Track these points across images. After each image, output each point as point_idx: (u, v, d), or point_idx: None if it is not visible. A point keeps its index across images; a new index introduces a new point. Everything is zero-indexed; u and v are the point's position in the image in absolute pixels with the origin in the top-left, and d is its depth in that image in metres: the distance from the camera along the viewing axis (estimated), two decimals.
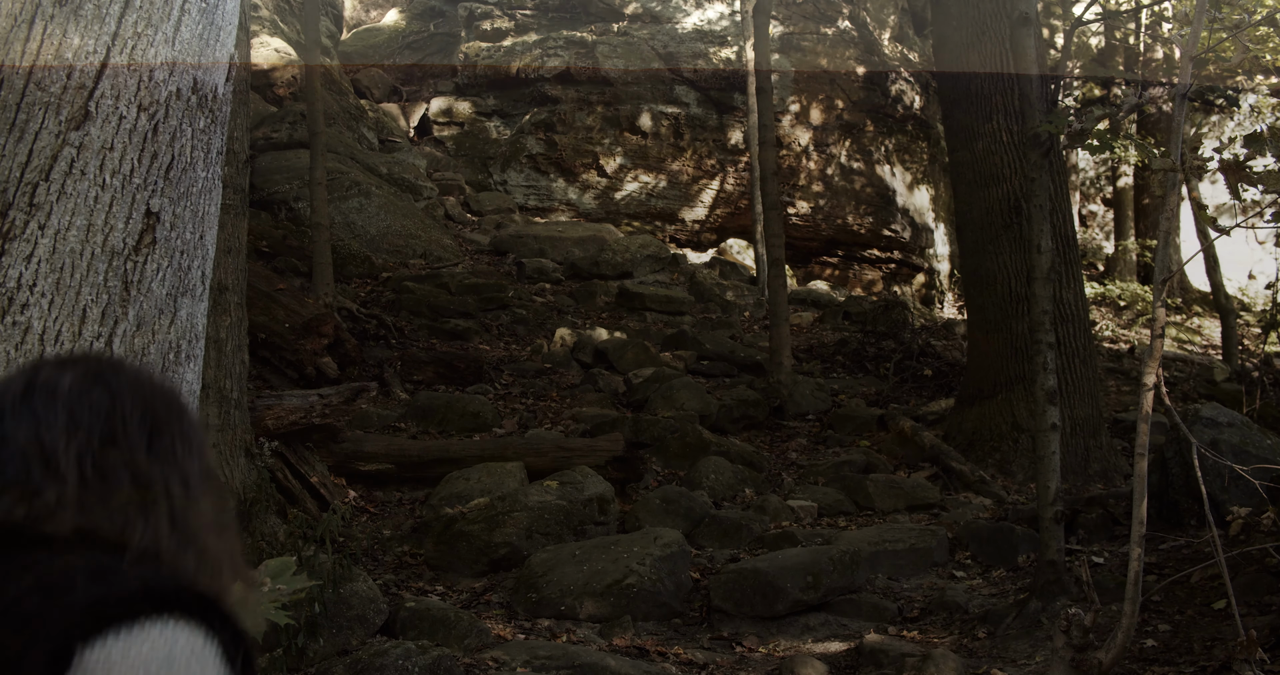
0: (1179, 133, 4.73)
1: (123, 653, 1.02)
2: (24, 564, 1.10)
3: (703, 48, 18.04)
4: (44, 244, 2.24)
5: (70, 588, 1.05)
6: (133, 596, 1.05)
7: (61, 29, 2.27)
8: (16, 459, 1.18)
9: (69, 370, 1.26)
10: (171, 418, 1.28)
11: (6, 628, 1.02)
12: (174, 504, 1.22)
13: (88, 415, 1.22)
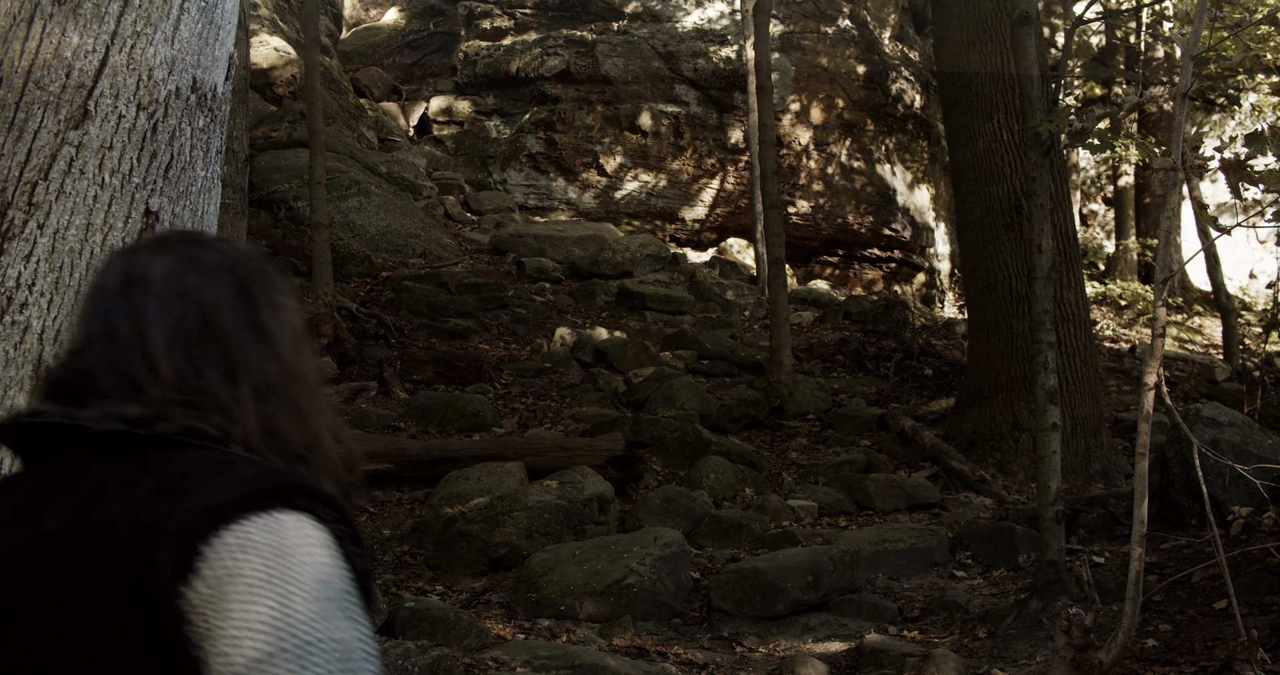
0: (1180, 132, 4.72)
1: (247, 544, 1.08)
2: (146, 464, 1.16)
3: (703, 47, 18.03)
4: (43, 243, 2.24)
5: (186, 489, 1.11)
6: (242, 495, 1.11)
7: (60, 28, 2.26)
8: (123, 356, 1.22)
9: (161, 256, 1.29)
10: (262, 287, 1.31)
11: (140, 525, 1.09)
12: (270, 382, 1.26)
13: (180, 303, 1.25)
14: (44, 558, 1.13)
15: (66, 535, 1.13)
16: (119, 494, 1.14)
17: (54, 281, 2.25)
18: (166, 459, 1.17)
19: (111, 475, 1.17)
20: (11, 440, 1.27)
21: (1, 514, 1.20)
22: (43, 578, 1.11)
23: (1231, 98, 6.39)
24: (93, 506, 1.14)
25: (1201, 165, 5.82)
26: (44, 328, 2.24)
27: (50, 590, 1.10)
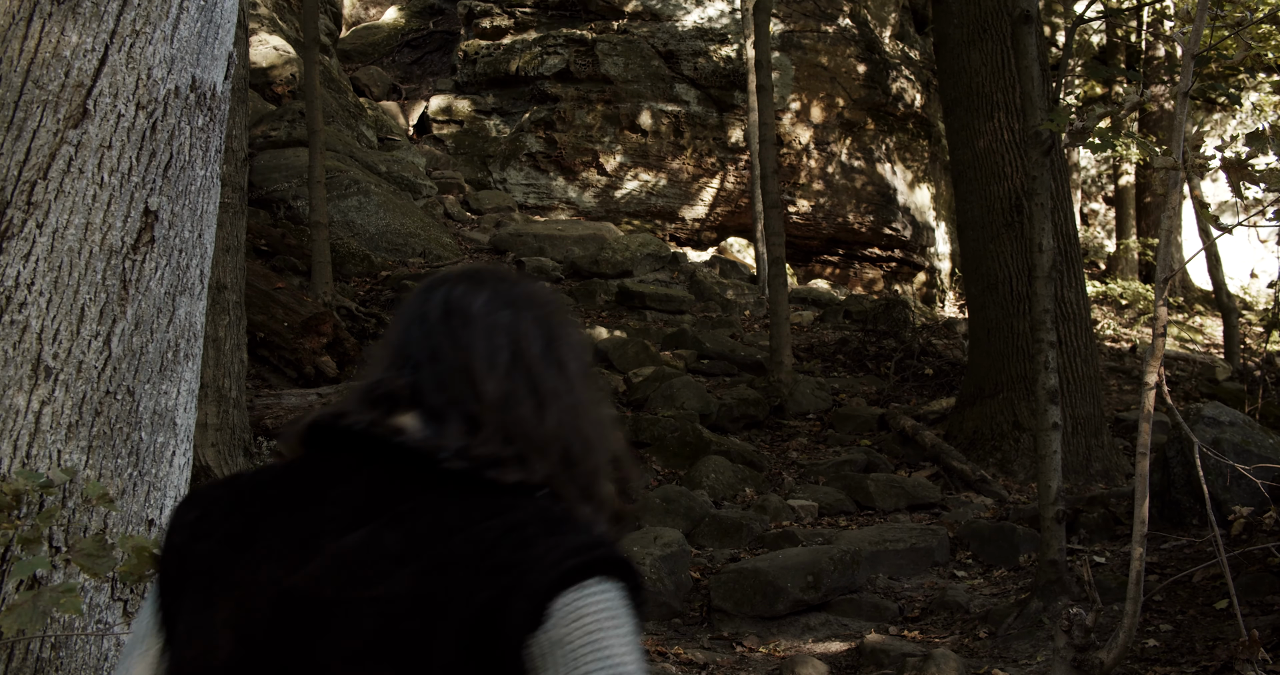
0: (1181, 131, 4.70)
1: (581, 608, 1.23)
2: (483, 506, 1.28)
3: (703, 46, 18.00)
4: (42, 242, 2.23)
5: (534, 541, 1.25)
6: (585, 563, 1.25)
7: (60, 26, 2.25)
8: (449, 378, 1.36)
9: (477, 290, 1.42)
10: (560, 323, 1.45)
11: (491, 570, 1.23)
12: (567, 413, 1.39)
13: (496, 335, 1.38)
14: (389, 574, 1.24)
15: (408, 558, 1.25)
16: (466, 533, 1.26)
17: (53, 281, 2.24)
18: (502, 506, 1.29)
19: (452, 509, 1.29)
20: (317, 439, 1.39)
21: (336, 504, 1.32)
22: (386, 591, 1.24)
23: (1232, 97, 6.38)
24: (438, 538, 1.26)
25: (1202, 164, 5.83)
26: (43, 327, 2.23)
27: (388, 603, 1.23)
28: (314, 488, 1.35)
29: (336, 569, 1.27)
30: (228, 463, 5.95)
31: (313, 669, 1.25)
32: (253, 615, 1.29)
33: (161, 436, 2.42)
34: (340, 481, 1.35)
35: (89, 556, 2.05)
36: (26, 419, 2.21)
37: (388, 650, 1.23)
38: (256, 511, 1.37)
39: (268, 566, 1.30)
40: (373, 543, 1.27)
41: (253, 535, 1.34)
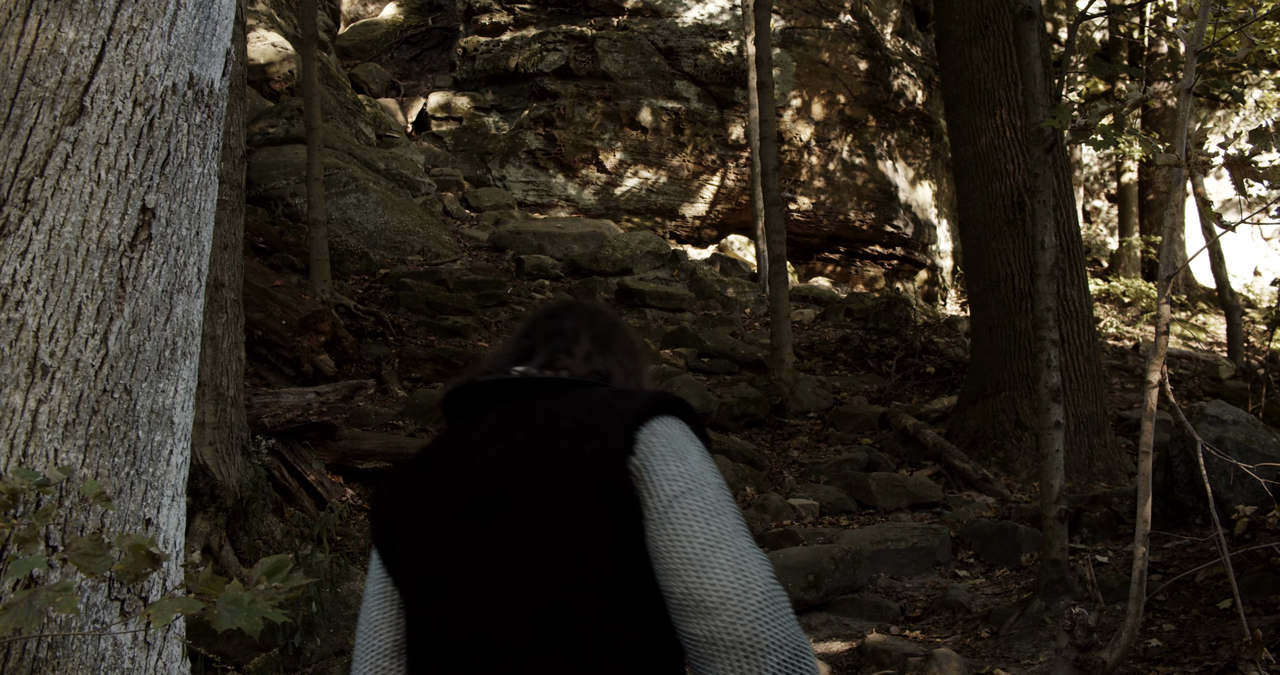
0: (1184, 128, 4.67)
1: (656, 432, 1.77)
2: (574, 397, 1.86)
3: (703, 42, 17.97)
4: (39, 240, 2.22)
5: (612, 404, 1.81)
6: (651, 404, 1.81)
7: (56, 23, 2.24)
8: (563, 343, 2.05)
9: (575, 305, 2.18)
10: (619, 325, 2.17)
11: (590, 429, 1.76)
12: (625, 365, 2.09)
13: (593, 327, 2.11)
14: (525, 456, 1.77)
15: (534, 444, 1.78)
16: (566, 414, 1.81)
17: (50, 278, 2.22)
18: (585, 394, 1.87)
19: (555, 405, 1.86)
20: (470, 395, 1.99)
21: (480, 436, 1.88)
22: (528, 467, 1.75)
23: (1235, 93, 6.35)
24: (550, 423, 1.81)
25: (1205, 161, 5.78)
26: (39, 325, 2.21)
27: (536, 474, 1.74)
28: (466, 433, 1.93)
29: (494, 469, 1.81)
30: (225, 461, 5.93)
31: (501, 548, 1.75)
32: (452, 529, 1.82)
33: (159, 435, 2.41)
34: (483, 419, 1.93)
35: (86, 556, 2.02)
36: (23, 417, 2.20)
37: (542, 512, 1.73)
38: (432, 464, 1.92)
39: (451, 491, 1.85)
40: (511, 444, 1.82)
41: (432, 481, 1.89)
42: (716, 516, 1.70)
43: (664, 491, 1.71)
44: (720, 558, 1.65)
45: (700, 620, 1.63)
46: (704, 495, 1.72)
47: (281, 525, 6.28)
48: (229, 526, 5.85)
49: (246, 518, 5.96)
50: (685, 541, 1.67)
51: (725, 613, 1.62)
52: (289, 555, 2.24)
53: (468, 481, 1.82)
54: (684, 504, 1.70)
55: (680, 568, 1.66)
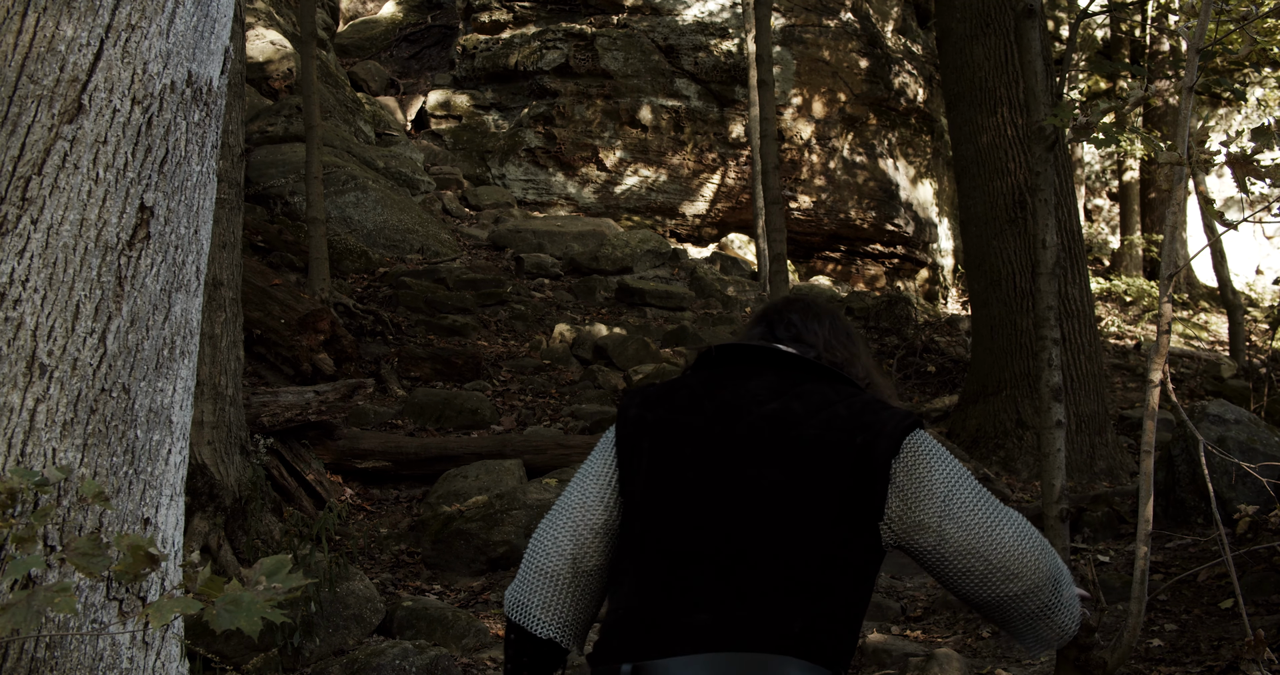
0: (1185, 126, 4.65)
1: (919, 442, 2.13)
2: (839, 389, 2.21)
3: (703, 40, 17.94)
4: (36, 239, 2.21)
5: (880, 411, 2.14)
6: (912, 421, 2.15)
7: (54, 20, 2.22)
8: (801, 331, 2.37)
9: (811, 307, 2.46)
10: (854, 333, 2.46)
11: (862, 424, 2.11)
12: (858, 354, 2.43)
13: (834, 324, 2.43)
14: (801, 424, 2.12)
15: (811, 417, 2.12)
16: (841, 403, 2.15)
17: (48, 277, 2.21)
18: (857, 392, 2.23)
19: (829, 392, 2.19)
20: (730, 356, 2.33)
21: (753, 391, 2.21)
22: (804, 435, 2.10)
23: (1238, 92, 6.34)
24: (825, 405, 2.15)
25: (1207, 160, 5.82)
26: (37, 324, 2.20)
27: (811, 443, 2.09)
28: (735, 381, 2.25)
29: (768, 421, 2.14)
30: (224, 460, 5.91)
31: (756, 483, 2.09)
32: (712, 452, 2.14)
33: (157, 434, 2.39)
34: (753, 376, 2.25)
35: (84, 555, 2.01)
36: (21, 417, 2.19)
37: (805, 470, 2.09)
38: (697, 394, 2.24)
39: (719, 423, 2.17)
40: (787, 408, 2.16)
41: (698, 406, 2.20)
42: (984, 499, 2.16)
43: (939, 488, 2.11)
44: (1006, 533, 2.13)
45: (1012, 583, 2.14)
46: (969, 485, 2.16)
47: (280, 525, 6.27)
48: (228, 526, 5.83)
49: (245, 517, 5.95)
50: (975, 527, 2.11)
51: (1029, 573, 2.15)
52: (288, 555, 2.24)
53: (740, 426, 2.16)
54: (959, 496, 2.13)
55: (980, 548, 2.11)
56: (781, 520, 2.07)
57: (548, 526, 2.26)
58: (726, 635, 2.01)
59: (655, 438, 2.19)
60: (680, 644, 2.02)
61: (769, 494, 2.08)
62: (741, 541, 2.07)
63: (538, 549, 2.26)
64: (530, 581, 2.25)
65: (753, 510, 2.08)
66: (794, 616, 2.02)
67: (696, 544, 2.08)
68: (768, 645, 2.00)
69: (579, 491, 2.25)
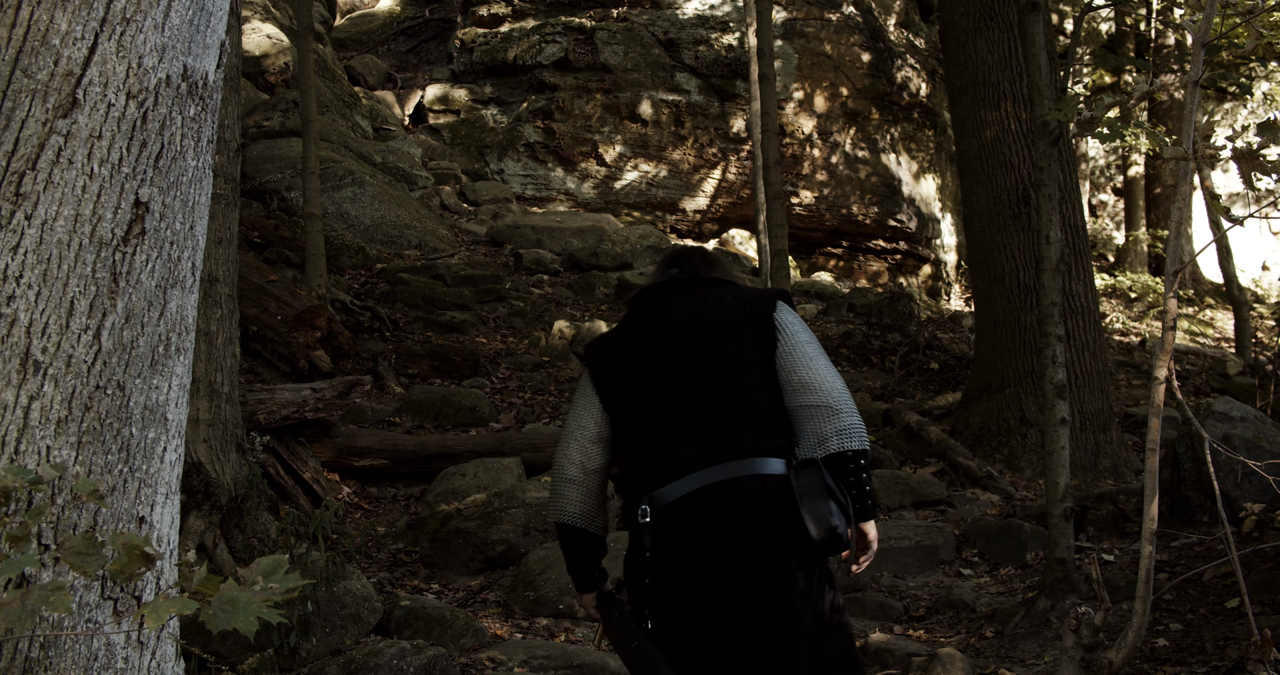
0: (1191, 120, 4.61)
1: (783, 306, 3.20)
2: (731, 288, 3.25)
3: (704, 34, 17.89)
4: (30, 234, 2.21)
5: (755, 290, 3.24)
6: (779, 292, 3.22)
7: (49, 14, 2.21)
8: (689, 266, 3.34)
9: (687, 251, 3.44)
10: (722, 260, 3.45)
11: (747, 300, 3.19)
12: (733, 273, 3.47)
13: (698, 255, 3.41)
14: (709, 312, 3.14)
15: (714, 307, 3.15)
16: (728, 294, 3.20)
17: (42, 273, 2.21)
18: (733, 286, 3.26)
19: (715, 291, 3.22)
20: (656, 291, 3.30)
21: (672, 308, 3.20)
22: (713, 318, 3.12)
23: (1243, 86, 6.30)
24: (720, 299, 3.17)
25: (1213, 154, 5.75)
26: (31, 321, 2.19)
27: (719, 321, 3.12)
28: (657, 306, 3.24)
29: (690, 318, 3.15)
30: (220, 458, 5.87)
31: (696, 358, 3.09)
32: (661, 351, 3.14)
33: (152, 432, 2.39)
34: (668, 298, 3.24)
35: (79, 554, 2.02)
36: (15, 414, 2.19)
37: (723, 337, 3.09)
38: (636, 326, 3.23)
39: (657, 332, 3.18)
40: (697, 306, 3.18)
41: (641, 332, 3.21)
42: (820, 351, 3.11)
43: (795, 335, 3.11)
44: (822, 365, 3.07)
45: (809, 394, 3.00)
46: (813, 340, 3.13)
47: (277, 523, 6.23)
48: (224, 525, 5.79)
49: (241, 516, 5.91)
50: (805, 356, 3.07)
51: (822, 391, 3.01)
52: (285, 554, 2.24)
53: (672, 327, 3.15)
54: (804, 341, 3.11)
55: (802, 366, 3.05)
56: (718, 375, 3.05)
57: (560, 449, 3.17)
58: (705, 458, 2.95)
59: (623, 365, 3.15)
60: (676, 473, 2.96)
61: (706, 362, 3.07)
62: (698, 398, 3.04)
63: (557, 466, 3.18)
64: (558, 490, 3.16)
65: (700, 375, 3.06)
66: (742, 432, 2.99)
67: (670, 410, 3.04)
68: (731, 456, 2.95)
69: (575, 420, 3.18)
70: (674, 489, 2.93)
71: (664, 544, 2.92)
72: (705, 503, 2.91)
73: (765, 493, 2.91)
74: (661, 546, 2.92)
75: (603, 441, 3.15)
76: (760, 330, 3.09)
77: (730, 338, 3.08)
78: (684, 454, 2.96)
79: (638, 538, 2.99)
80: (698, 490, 2.92)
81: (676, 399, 3.04)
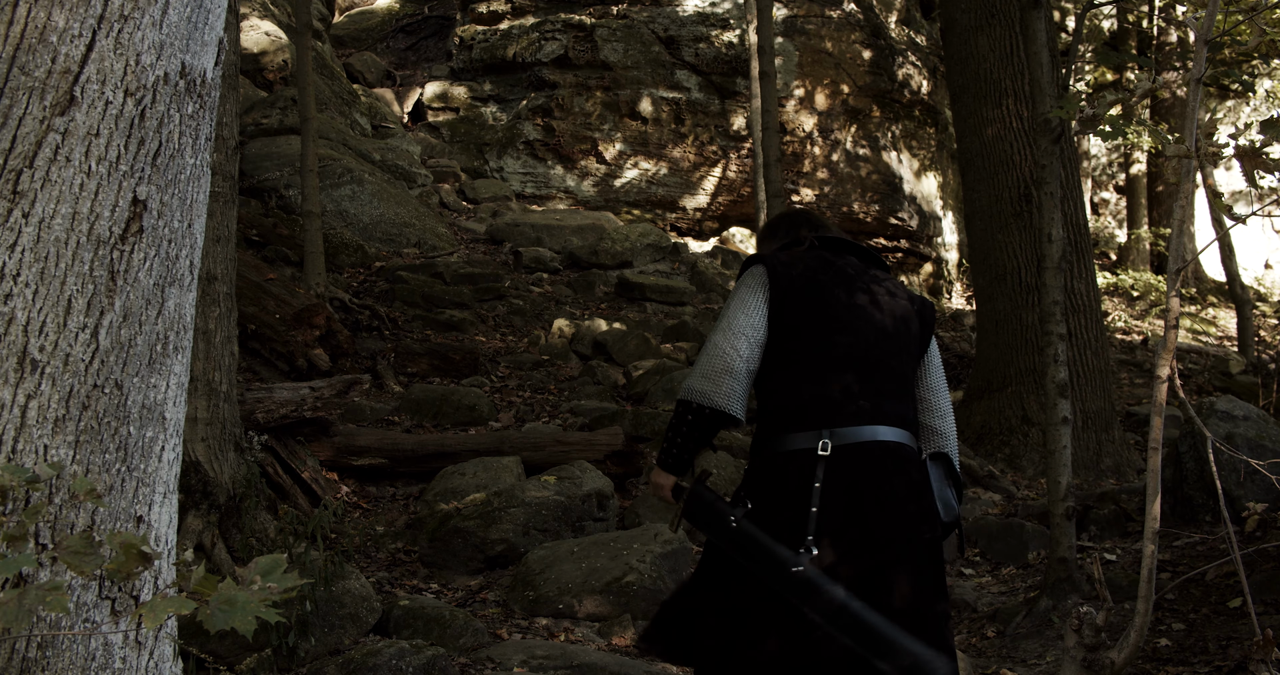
0: (1193, 118, 4.59)
1: None
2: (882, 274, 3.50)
3: (704, 31, 17.86)
4: (28, 233, 2.20)
5: (906, 290, 3.46)
6: (932, 304, 3.49)
7: (46, 11, 2.20)
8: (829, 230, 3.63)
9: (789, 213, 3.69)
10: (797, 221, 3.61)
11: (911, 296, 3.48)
12: None
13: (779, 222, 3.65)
14: (896, 291, 3.41)
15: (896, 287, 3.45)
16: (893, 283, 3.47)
17: (39, 272, 2.20)
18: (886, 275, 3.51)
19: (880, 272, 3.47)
20: None
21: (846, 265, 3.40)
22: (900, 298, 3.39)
23: (1246, 83, 6.29)
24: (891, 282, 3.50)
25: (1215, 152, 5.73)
26: (29, 319, 2.19)
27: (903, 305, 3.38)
28: (835, 257, 3.39)
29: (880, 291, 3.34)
30: (218, 457, 5.84)
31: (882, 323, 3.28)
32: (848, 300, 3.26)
33: (150, 431, 2.39)
34: (843, 256, 3.42)
35: (76, 554, 2.01)
36: (12, 413, 2.18)
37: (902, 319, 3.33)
38: (818, 263, 3.34)
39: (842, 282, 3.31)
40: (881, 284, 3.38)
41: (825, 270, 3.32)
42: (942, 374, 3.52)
43: (936, 354, 3.50)
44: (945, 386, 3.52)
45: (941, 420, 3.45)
46: (939, 361, 3.52)
47: (275, 523, 6.21)
48: (222, 524, 5.77)
49: (240, 515, 5.88)
50: (938, 372, 3.48)
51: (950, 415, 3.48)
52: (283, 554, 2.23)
53: (864, 287, 3.32)
54: (938, 362, 3.51)
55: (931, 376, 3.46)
56: (900, 348, 3.27)
57: (728, 340, 3.19)
58: (879, 416, 3.14)
59: (803, 286, 3.25)
60: (854, 419, 3.11)
61: (895, 332, 3.28)
62: (884, 358, 3.22)
63: (724, 357, 3.18)
64: (717, 377, 3.17)
65: (890, 340, 3.25)
66: (906, 405, 3.23)
67: (856, 357, 3.18)
68: (899, 423, 3.17)
69: (746, 318, 3.21)
70: (851, 433, 3.09)
71: (837, 480, 3.07)
72: (877, 456, 3.11)
73: (918, 465, 3.20)
74: (835, 482, 3.06)
75: (762, 347, 3.21)
76: (924, 330, 3.39)
77: (908, 322, 3.33)
78: (861, 404, 3.14)
79: (804, 466, 3.10)
80: (875, 442, 3.11)
81: (867, 350, 3.20)
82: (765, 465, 3.19)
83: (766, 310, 3.21)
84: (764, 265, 3.28)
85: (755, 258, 3.34)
